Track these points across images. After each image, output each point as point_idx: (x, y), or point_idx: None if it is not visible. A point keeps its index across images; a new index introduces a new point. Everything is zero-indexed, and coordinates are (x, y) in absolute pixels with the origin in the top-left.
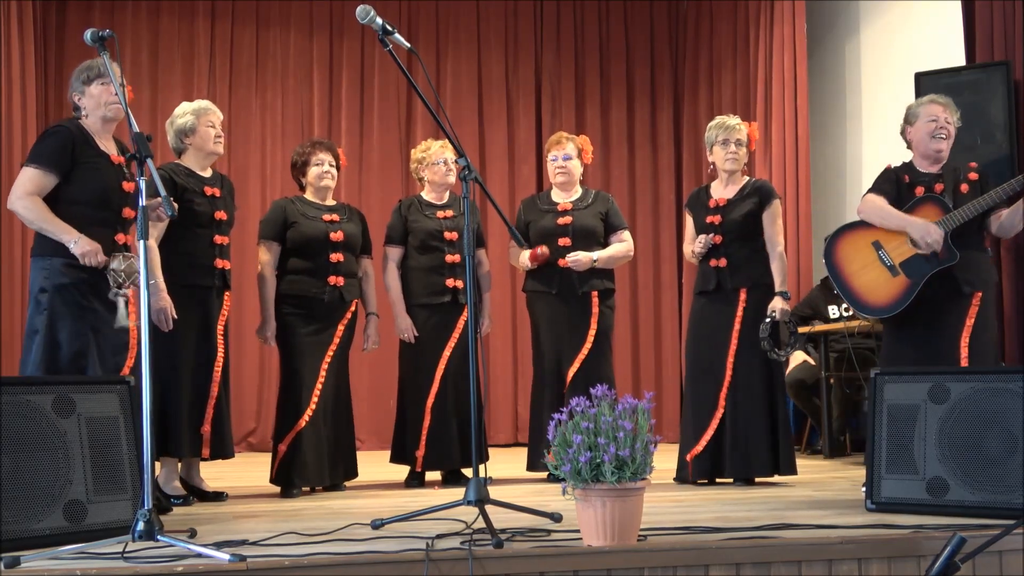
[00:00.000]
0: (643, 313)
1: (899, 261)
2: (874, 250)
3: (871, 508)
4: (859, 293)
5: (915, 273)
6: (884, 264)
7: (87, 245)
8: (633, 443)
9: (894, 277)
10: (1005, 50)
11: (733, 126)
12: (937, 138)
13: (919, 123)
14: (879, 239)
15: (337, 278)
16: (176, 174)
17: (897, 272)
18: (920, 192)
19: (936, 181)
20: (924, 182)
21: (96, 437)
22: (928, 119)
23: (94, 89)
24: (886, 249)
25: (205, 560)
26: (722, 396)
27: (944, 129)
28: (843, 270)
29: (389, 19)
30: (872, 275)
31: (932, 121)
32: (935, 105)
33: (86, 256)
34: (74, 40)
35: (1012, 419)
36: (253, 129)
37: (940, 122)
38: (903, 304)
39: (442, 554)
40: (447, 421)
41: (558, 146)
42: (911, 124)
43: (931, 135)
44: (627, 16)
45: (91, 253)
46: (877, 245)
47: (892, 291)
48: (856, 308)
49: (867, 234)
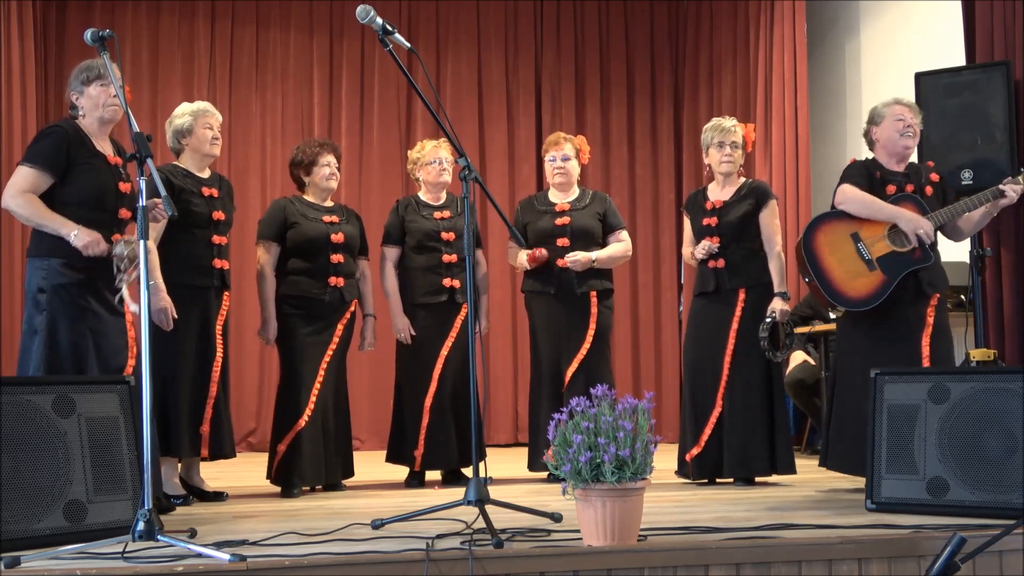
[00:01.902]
0: (643, 313)
1: (876, 256)
2: (852, 242)
3: (871, 508)
4: (836, 284)
5: (891, 270)
6: (862, 257)
7: (87, 236)
8: (633, 443)
9: (871, 271)
10: (1005, 50)
11: (728, 128)
12: (905, 136)
13: (886, 123)
14: (857, 231)
15: (337, 279)
16: (174, 175)
17: (874, 267)
18: (891, 190)
19: (907, 181)
20: (895, 181)
21: (96, 437)
22: (895, 118)
23: (92, 90)
24: (864, 243)
25: (205, 560)
26: (719, 396)
27: (911, 128)
28: (820, 259)
29: (389, 19)
30: (849, 267)
31: (899, 120)
32: (900, 106)
33: (88, 247)
34: (74, 40)
35: (1012, 419)
36: (253, 129)
37: (907, 120)
38: (878, 299)
39: (442, 554)
40: (445, 421)
41: (556, 147)
42: (876, 124)
43: (900, 133)
44: (627, 16)
45: (92, 243)
46: (856, 237)
47: (868, 285)
48: (831, 299)
49: (846, 225)
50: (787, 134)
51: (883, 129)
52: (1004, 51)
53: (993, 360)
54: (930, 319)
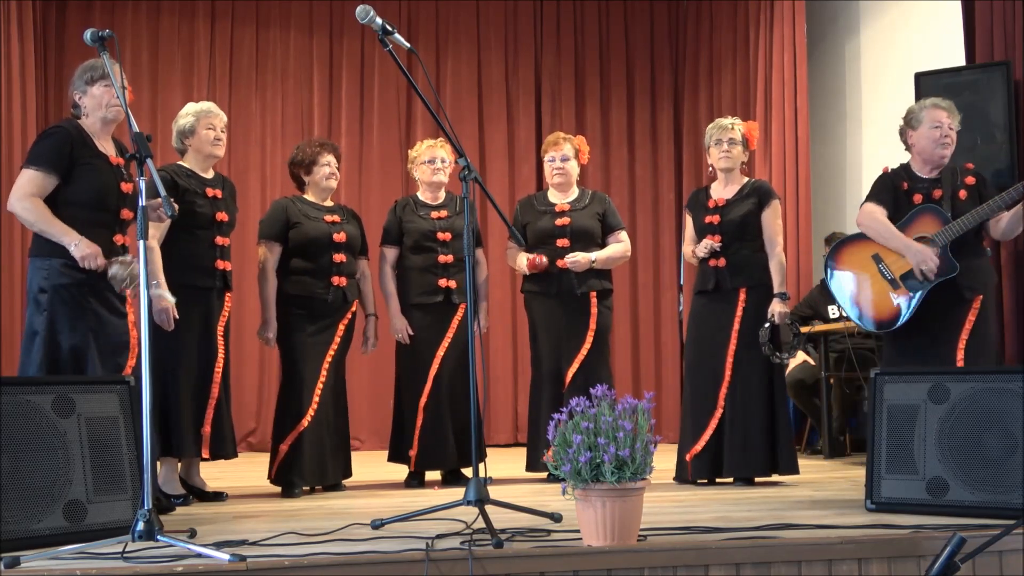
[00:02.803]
0: (643, 313)
1: (899, 274)
2: (874, 263)
3: (871, 508)
4: (862, 307)
5: (916, 286)
6: (885, 277)
7: (87, 248)
8: (633, 443)
9: (895, 290)
10: (1005, 50)
11: (726, 126)
12: (942, 145)
13: (923, 128)
14: (879, 252)
15: (340, 278)
16: (178, 175)
17: (898, 285)
18: (918, 200)
19: (935, 187)
20: (922, 189)
21: (96, 437)
22: (932, 125)
23: (96, 90)
24: (886, 262)
25: (205, 560)
26: (721, 395)
27: (948, 136)
28: (845, 285)
29: (389, 19)
30: (874, 289)
31: (936, 128)
32: (939, 110)
33: (86, 260)
34: (74, 40)
35: (1012, 419)
36: (253, 129)
37: (944, 128)
38: (904, 317)
39: (442, 554)
40: (441, 421)
41: (555, 147)
42: (913, 128)
43: (936, 142)
44: (627, 16)
45: (91, 256)
46: (877, 258)
47: (894, 305)
48: (859, 323)
49: (867, 247)
50: (787, 134)
51: (919, 135)
52: (1004, 51)
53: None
54: (968, 323)
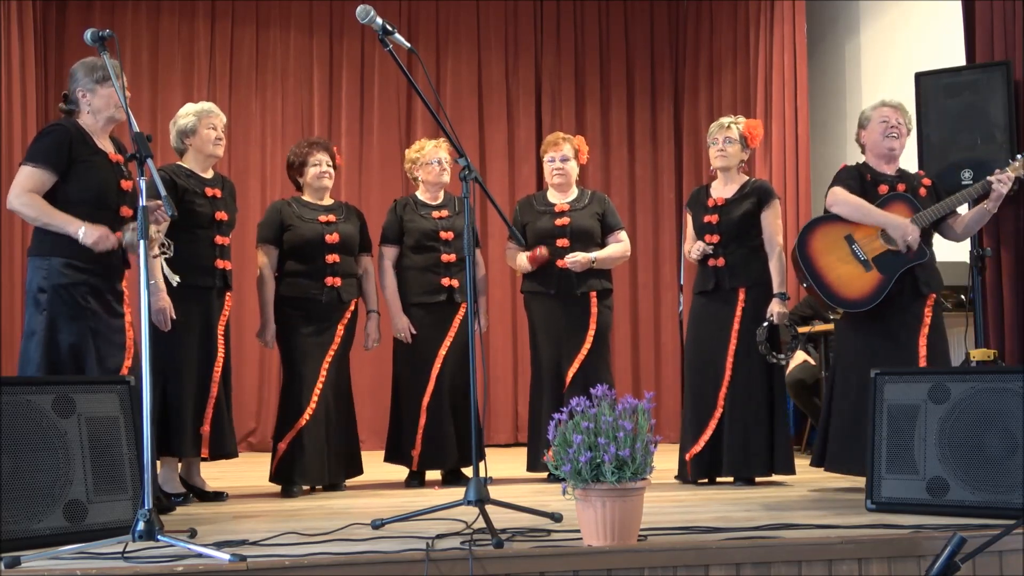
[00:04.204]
0: (643, 313)
1: (872, 256)
2: (847, 244)
3: (871, 508)
4: (833, 286)
5: (888, 269)
6: (857, 258)
7: (95, 232)
8: (633, 443)
9: (867, 272)
10: (1005, 50)
11: (724, 124)
12: (890, 137)
13: (872, 125)
14: (851, 232)
15: (334, 279)
16: (177, 175)
17: (870, 267)
18: (884, 190)
19: (898, 181)
20: (887, 182)
21: (96, 437)
22: (880, 120)
23: (105, 90)
24: (859, 243)
25: (205, 560)
26: (721, 395)
27: (896, 128)
28: (816, 262)
29: (389, 19)
30: (845, 269)
31: (883, 122)
32: (886, 108)
33: (98, 243)
34: (74, 40)
35: (1012, 419)
36: (253, 129)
37: (891, 122)
38: (877, 299)
39: (442, 554)
40: (443, 420)
41: (555, 147)
42: (864, 128)
43: (884, 135)
44: (627, 16)
45: (102, 238)
46: (850, 239)
47: (865, 286)
48: (829, 301)
49: (839, 228)
50: (787, 134)
51: (869, 132)
52: (1004, 51)
53: (993, 360)
54: (927, 319)
